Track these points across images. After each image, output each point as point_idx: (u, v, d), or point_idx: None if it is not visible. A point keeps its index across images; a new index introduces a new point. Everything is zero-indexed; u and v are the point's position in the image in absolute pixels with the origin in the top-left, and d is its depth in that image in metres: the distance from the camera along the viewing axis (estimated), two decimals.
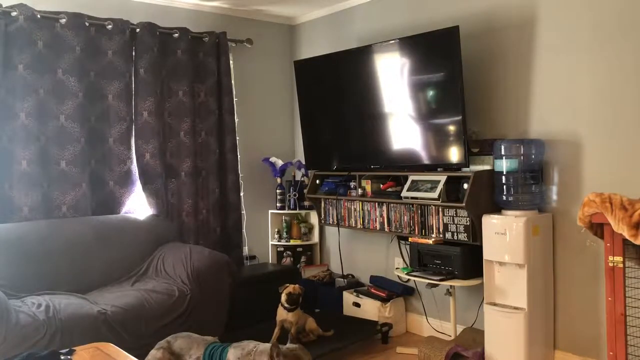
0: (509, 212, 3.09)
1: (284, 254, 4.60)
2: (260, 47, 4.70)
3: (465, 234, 3.27)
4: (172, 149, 4.12)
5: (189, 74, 4.16)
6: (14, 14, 3.42)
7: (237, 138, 4.43)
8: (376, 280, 4.08)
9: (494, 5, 3.41)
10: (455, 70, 3.27)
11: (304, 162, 4.46)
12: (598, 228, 2.40)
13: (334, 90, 4.09)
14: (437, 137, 3.47)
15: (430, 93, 3.48)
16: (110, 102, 3.83)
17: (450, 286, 3.39)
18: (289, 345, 2.52)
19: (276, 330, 3.39)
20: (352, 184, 3.99)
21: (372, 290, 3.96)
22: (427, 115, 3.52)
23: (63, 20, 3.59)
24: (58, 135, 3.60)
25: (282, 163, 4.58)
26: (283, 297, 3.37)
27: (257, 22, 4.70)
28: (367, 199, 3.86)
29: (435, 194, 3.34)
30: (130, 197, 3.93)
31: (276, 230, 4.65)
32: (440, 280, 3.33)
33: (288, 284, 3.41)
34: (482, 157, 3.38)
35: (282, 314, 3.39)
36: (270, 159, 4.59)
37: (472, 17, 3.49)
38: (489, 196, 3.21)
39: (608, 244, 2.33)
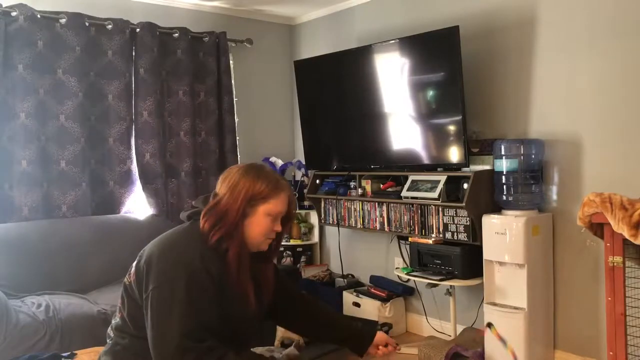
0: (509, 212, 3.09)
1: (284, 253, 4.60)
2: (260, 47, 4.70)
3: (465, 234, 3.26)
4: (172, 149, 4.12)
5: (189, 74, 4.15)
6: (14, 14, 3.42)
7: (237, 138, 4.43)
8: (376, 280, 4.08)
9: (494, 5, 3.40)
10: (455, 70, 3.26)
11: (304, 162, 4.45)
12: (598, 228, 2.39)
13: (334, 90, 4.08)
14: (437, 137, 3.47)
15: (430, 93, 3.48)
16: (110, 102, 3.83)
17: (450, 286, 3.39)
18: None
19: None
20: (352, 184, 3.99)
21: (372, 290, 3.96)
22: (427, 115, 3.52)
23: (63, 20, 3.59)
24: (58, 135, 3.60)
25: (282, 163, 4.57)
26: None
27: (257, 22, 4.70)
28: (367, 199, 3.86)
29: (435, 194, 3.33)
30: (130, 197, 3.93)
31: None
32: (440, 280, 3.33)
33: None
34: (482, 157, 3.38)
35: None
36: (270, 159, 4.58)
37: (472, 17, 3.49)
38: (489, 196, 3.21)
39: (608, 244, 2.33)
